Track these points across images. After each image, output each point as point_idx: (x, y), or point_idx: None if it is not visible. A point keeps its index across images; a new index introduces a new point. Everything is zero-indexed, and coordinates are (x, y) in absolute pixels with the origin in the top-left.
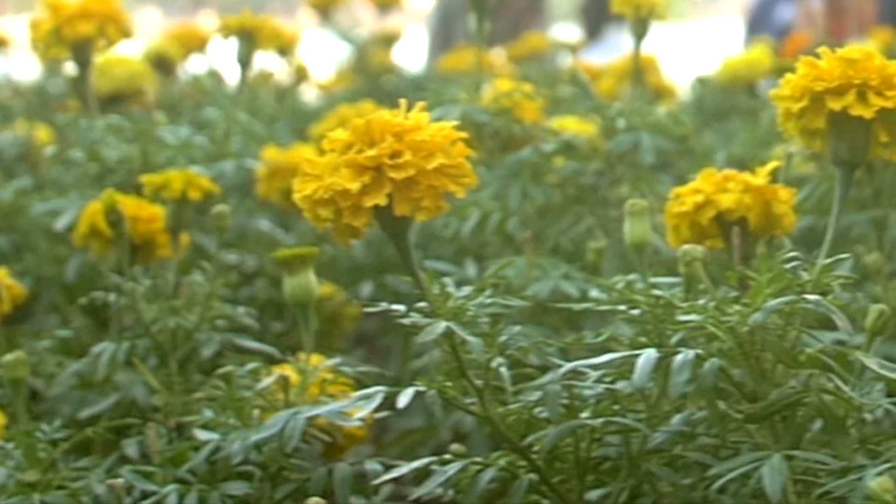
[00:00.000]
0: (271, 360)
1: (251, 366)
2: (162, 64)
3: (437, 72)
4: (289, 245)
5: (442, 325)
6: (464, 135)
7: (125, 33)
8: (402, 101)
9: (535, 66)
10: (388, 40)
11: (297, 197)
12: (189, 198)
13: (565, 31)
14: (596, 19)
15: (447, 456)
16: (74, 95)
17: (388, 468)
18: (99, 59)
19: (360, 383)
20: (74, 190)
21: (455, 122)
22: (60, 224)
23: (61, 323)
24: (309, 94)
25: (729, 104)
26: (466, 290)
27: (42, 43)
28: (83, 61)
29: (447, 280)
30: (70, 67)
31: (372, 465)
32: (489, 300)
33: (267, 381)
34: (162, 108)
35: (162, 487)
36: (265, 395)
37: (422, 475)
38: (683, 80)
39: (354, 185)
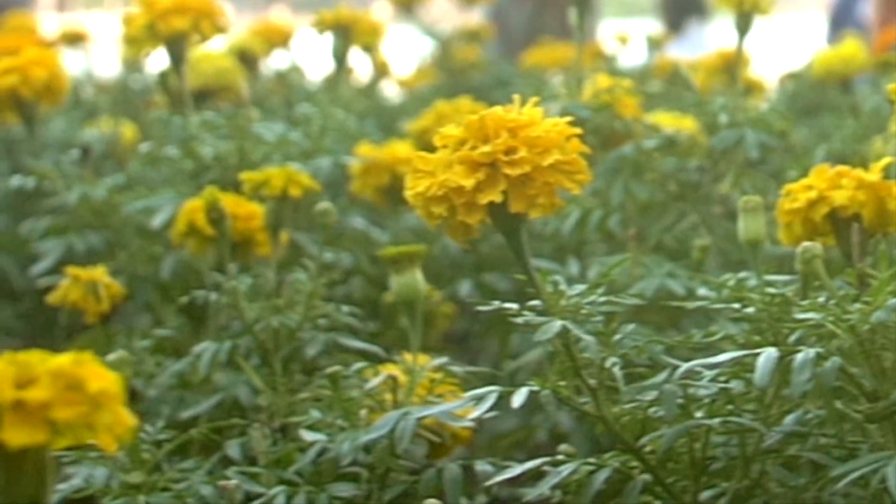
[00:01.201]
0: (374, 360)
1: (358, 366)
2: (245, 59)
3: (521, 68)
4: (384, 243)
5: (558, 324)
6: (578, 130)
7: (219, 28)
8: (516, 97)
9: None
10: (473, 36)
11: (409, 194)
12: (289, 195)
13: (647, 26)
14: (677, 14)
15: (560, 457)
16: (161, 92)
17: (499, 469)
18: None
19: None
20: (169, 187)
21: (569, 118)
22: (156, 222)
23: (154, 322)
24: (388, 91)
25: (820, 99)
26: (579, 288)
27: (135, 38)
28: (177, 57)
29: (559, 278)
30: (152, 63)
31: (482, 466)
32: (602, 298)
33: (375, 381)
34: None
35: (268, 489)
36: (373, 396)
37: (521, 476)
38: (768, 74)
39: (469, 182)
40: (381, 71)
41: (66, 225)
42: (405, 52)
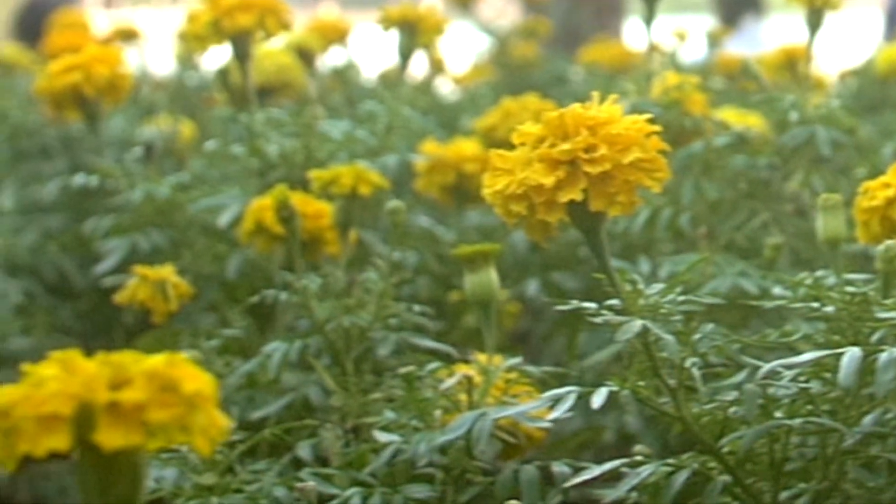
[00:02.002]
0: (445, 360)
1: (433, 366)
2: (302, 56)
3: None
4: (449, 242)
5: (638, 324)
6: (657, 128)
7: (284, 25)
8: (595, 94)
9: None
10: (530, 32)
11: (487, 192)
12: (359, 193)
13: (701, 22)
14: (733, 10)
15: (638, 458)
16: (221, 89)
17: (576, 470)
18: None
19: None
20: (233, 185)
21: (649, 115)
22: (223, 220)
23: (219, 322)
24: (442, 88)
25: (883, 96)
26: (657, 287)
27: (199, 35)
28: (241, 54)
29: (637, 277)
30: (207, 61)
31: (559, 468)
32: (681, 297)
33: (451, 381)
34: (306, 100)
35: (342, 490)
36: (448, 396)
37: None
38: (826, 71)
39: (549, 180)
40: (436, 68)
41: (130, 224)
42: (459, 49)
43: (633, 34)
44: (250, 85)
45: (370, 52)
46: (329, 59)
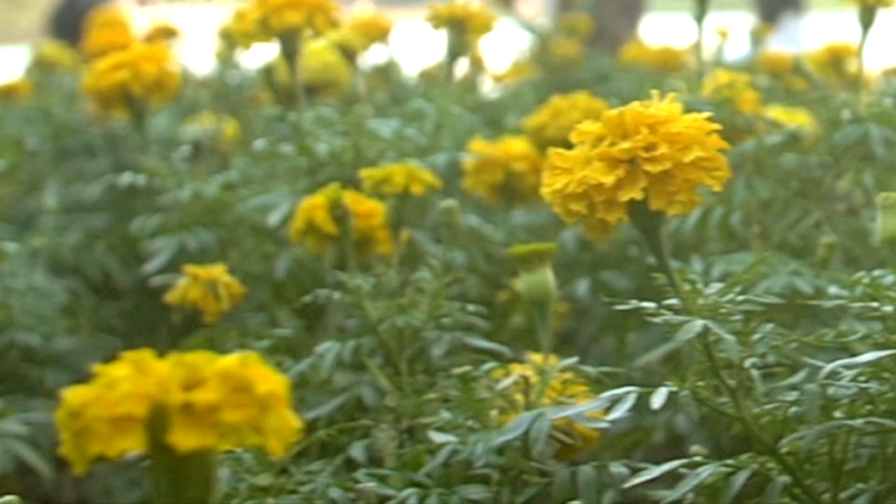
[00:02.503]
0: (498, 360)
1: (488, 366)
2: (344, 54)
3: (620, 63)
4: (498, 241)
5: (699, 324)
6: (717, 126)
7: (333, 23)
8: (654, 92)
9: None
10: (571, 31)
11: (546, 191)
12: (411, 192)
13: (741, 19)
14: (772, 7)
15: (697, 458)
16: (266, 87)
17: (634, 471)
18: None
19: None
20: (282, 184)
21: (708, 114)
22: (273, 219)
23: (267, 322)
24: (483, 86)
25: None
26: (716, 286)
27: (247, 33)
28: (290, 52)
29: (696, 276)
30: (247, 59)
31: (617, 468)
32: (741, 297)
33: (507, 382)
34: (351, 99)
35: (398, 491)
36: (504, 396)
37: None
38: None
39: (609, 179)
40: (477, 66)
41: (178, 223)
42: (498, 47)
43: (653, 31)
44: (299, 83)
45: (411, 49)
46: (370, 57)
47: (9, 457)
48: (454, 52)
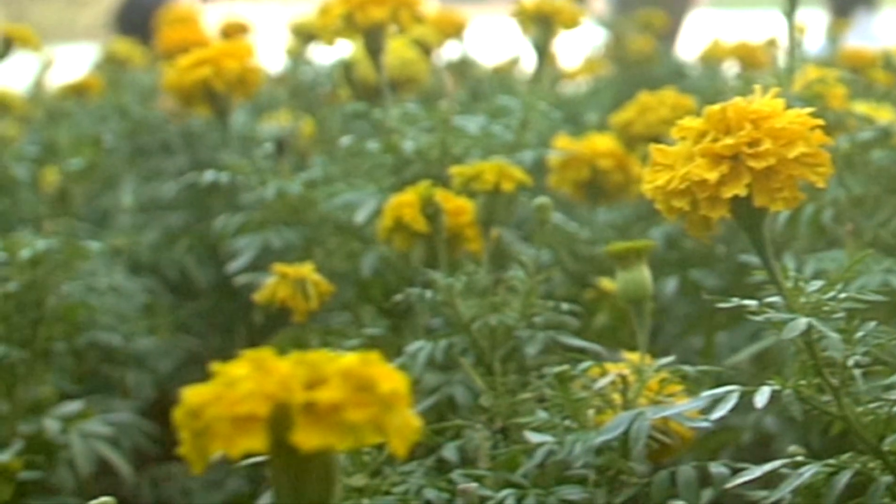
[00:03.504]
0: (591, 359)
1: (585, 364)
2: (420, 50)
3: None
4: (584, 239)
5: (803, 322)
6: (821, 122)
7: (418, 19)
8: (757, 87)
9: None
10: (647, 26)
11: (648, 188)
12: (501, 189)
13: (813, 16)
14: (845, 3)
15: (799, 458)
16: (345, 84)
17: (735, 471)
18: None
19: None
20: (367, 182)
21: (811, 109)
22: (360, 217)
23: (352, 321)
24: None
25: None
26: (817, 284)
27: (332, 28)
28: (374, 48)
29: (796, 274)
30: (317, 56)
31: (717, 469)
32: (843, 294)
33: (605, 381)
34: (430, 95)
35: (495, 492)
36: (602, 395)
37: None
38: None
39: (712, 175)
40: (549, 63)
41: (261, 221)
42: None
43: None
44: (384, 79)
45: (485, 46)
46: (445, 54)
47: (92, 457)
48: (540, 48)
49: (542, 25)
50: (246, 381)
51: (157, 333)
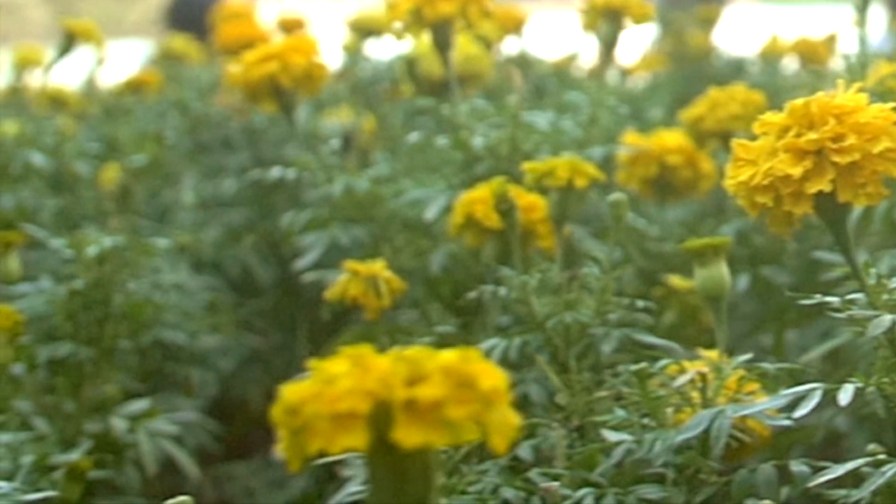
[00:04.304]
0: (666, 356)
1: (663, 362)
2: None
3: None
4: (653, 236)
5: (888, 319)
6: None
7: (486, 14)
8: (840, 82)
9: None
10: (706, 21)
11: (730, 183)
12: (574, 185)
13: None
14: None
15: (881, 457)
16: (408, 79)
17: (815, 470)
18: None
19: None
20: (436, 179)
21: (894, 104)
22: (430, 214)
23: (421, 318)
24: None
25: None
26: None
27: (400, 24)
28: (442, 43)
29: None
30: (375, 51)
31: (798, 467)
32: None
33: (684, 378)
34: (494, 91)
35: (573, 491)
36: (681, 393)
37: None
38: None
39: (796, 171)
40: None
41: (328, 218)
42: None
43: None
44: (453, 75)
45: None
46: (505, 49)
47: (159, 457)
48: (609, 43)
49: (611, 20)
50: (345, 377)
51: (220, 331)
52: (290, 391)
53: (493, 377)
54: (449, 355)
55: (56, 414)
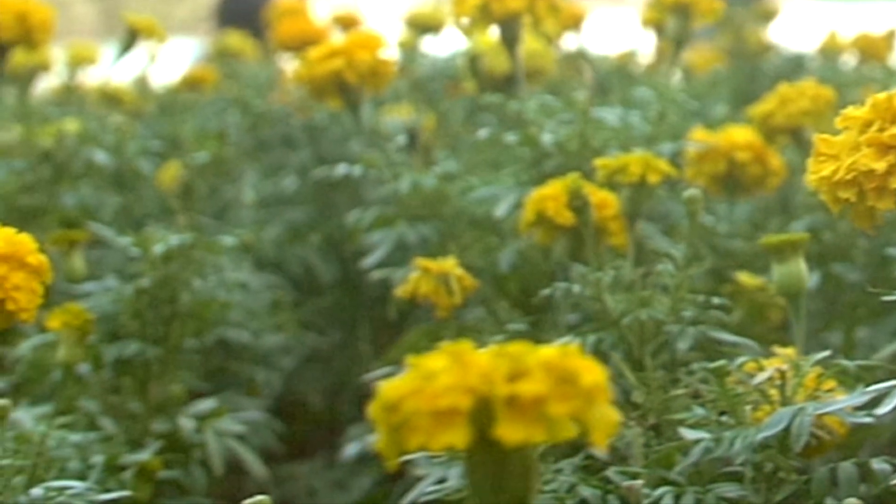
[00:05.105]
0: (742, 354)
1: (742, 359)
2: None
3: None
4: (721, 233)
5: None
6: None
7: (554, 9)
8: None
9: None
10: (766, 16)
11: (812, 178)
12: (647, 182)
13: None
14: None
15: None
16: (471, 76)
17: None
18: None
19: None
20: (506, 175)
21: None
22: (500, 211)
23: (488, 316)
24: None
25: None
26: None
27: (468, 19)
28: (510, 38)
29: None
30: (431, 48)
31: (879, 465)
32: None
33: (764, 376)
34: (557, 87)
35: (651, 490)
36: (760, 391)
37: None
38: None
39: (880, 165)
40: (661, 54)
41: (395, 216)
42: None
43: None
44: (521, 70)
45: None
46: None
47: (226, 456)
48: (678, 39)
49: (680, 16)
50: (445, 373)
51: (283, 330)
52: (389, 388)
53: (594, 373)
54: (549, 351)
55: (121, 413)
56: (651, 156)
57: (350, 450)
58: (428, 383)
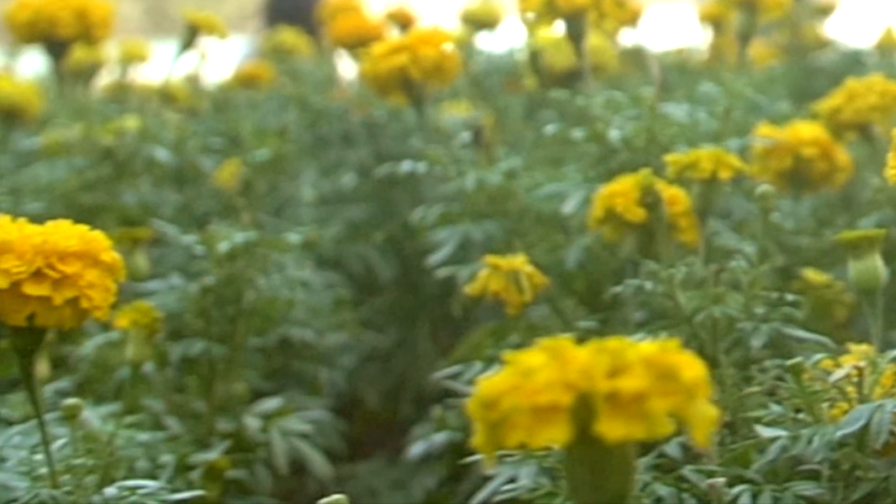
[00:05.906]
0: (816, 351)
1: (818, 356)
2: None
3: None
4: (786, 230)
5: None
6: None
7: (619, 4)
8: None
9: None
10: (822, 12)
11: (892, 174)
12: (718, 178)
13: None
14: None
15: None
16: (531, 72)
17: None
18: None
19: None
20: (573, 171)
21: None
22: (568, 208)
23: (554, 314)
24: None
25: None
26: None
27: (533, 14)
28: (576, 34)
29: None
30: (487, 44)
31: None
32: None
33: (841, 373)
34: (618, 82)
35: (728, 488)
36: (838, 388)
37: None
38: None
39: None
40: (715, 51)
41: (460, 213)
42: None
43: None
44: (586, 66)
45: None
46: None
47: (292, 456)
48: (745, 34)
49: (747, 11)
50: (545, 370)
51: (344, 329)
52: (487, 384)
53: (694, 368)
54: (649, 346)
55: (185, 413)
56: (722, 151)
57: (416, 449)
58: (527, 380)
